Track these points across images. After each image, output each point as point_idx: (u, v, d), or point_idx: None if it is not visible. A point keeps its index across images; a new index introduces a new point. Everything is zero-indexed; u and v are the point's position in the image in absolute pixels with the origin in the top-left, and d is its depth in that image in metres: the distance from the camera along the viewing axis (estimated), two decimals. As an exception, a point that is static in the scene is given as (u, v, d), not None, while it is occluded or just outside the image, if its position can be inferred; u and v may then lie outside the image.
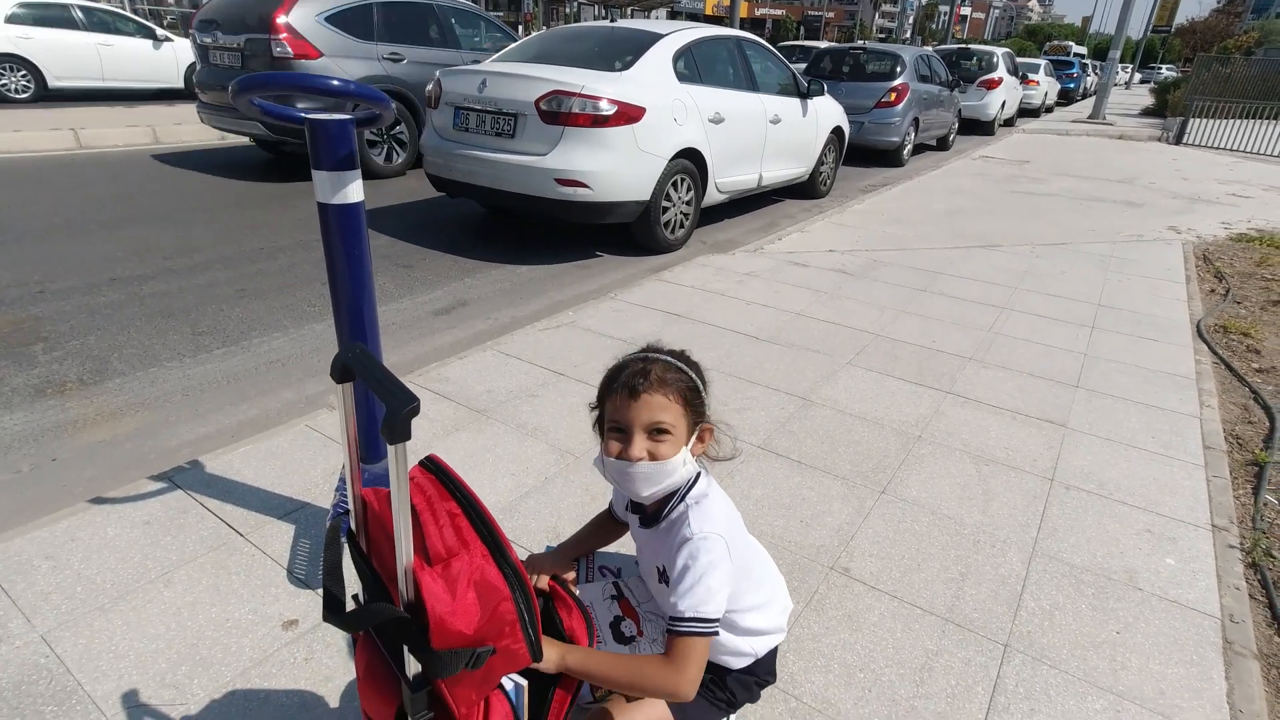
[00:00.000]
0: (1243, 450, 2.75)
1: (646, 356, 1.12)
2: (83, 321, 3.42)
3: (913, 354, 3.39)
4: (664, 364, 1.10)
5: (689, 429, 1.10)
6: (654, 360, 1.10)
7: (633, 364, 1.11)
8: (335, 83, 1.29)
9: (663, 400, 1.06)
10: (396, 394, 0.71)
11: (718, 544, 1.06)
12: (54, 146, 7.26)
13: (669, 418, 1.07)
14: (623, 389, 1.08)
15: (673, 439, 1.07)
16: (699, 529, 1.07)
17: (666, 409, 1.06)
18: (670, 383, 1.07)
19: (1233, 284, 4.84)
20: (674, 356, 1.13)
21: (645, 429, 1.07)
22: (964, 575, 1.94)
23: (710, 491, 1.14)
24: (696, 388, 1.11)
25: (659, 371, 1.08)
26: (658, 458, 1.07)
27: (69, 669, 1.52)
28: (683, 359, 1.13)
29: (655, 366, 1.08)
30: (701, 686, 1.21)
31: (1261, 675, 1.70)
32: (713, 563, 1.05)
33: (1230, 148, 12.53)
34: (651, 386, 1.06)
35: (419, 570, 0.81)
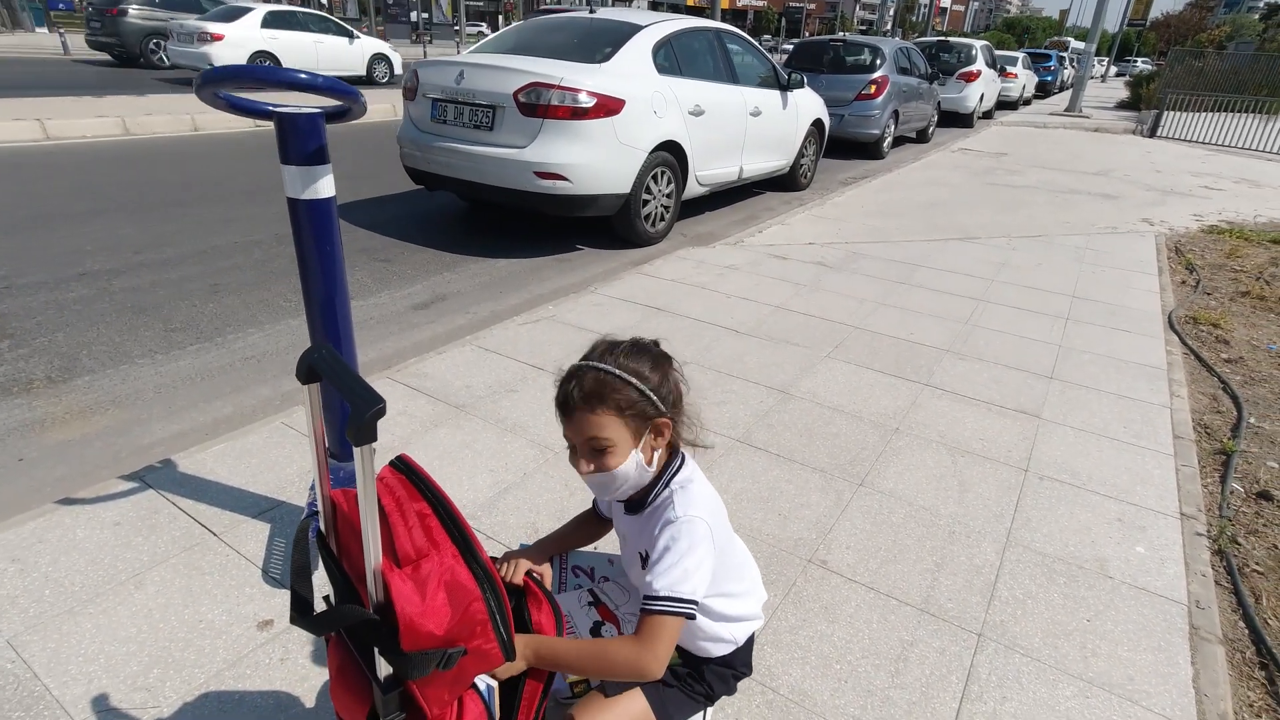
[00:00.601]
0: (1211, 439, 2.80)
1: (581, 369, 1.06)
2: (50, 317, 3.35)
3: (891, 346, 3.41)
4: (596, 376, 1.04)
5: (633, 435, 1.06)
6: (587, 372, 1.05)
7: (565, 381, 1.07)
8: (303, 76, 1.26)
9: (594, 418, 1.03)
10: (362, 395, 0.69)
11: (700, 526, 1.06)
12: (19, 137, 7.08)
13: (604, 433, 1.04)
14: (558, 408, 1.07)
15: (615, 449, 1.05)
16: (683, 511, 1.07)
17: (600, 425, 1.03)
18: (602, 397, 1.03)
19: (1203, 275, 4.93)
20: (619, 356, 1.07)
21: (585, 445, 1.06)
22: (939, 566, 1.97)
23: (694, 477, 1.14)
24: (634, 390, 1.05)
25: (590, 385, 1.04)
26: (604, 469, 1.06)
27: (36, 674, 1.49)
28: (625, 359, 1.07)
29: (587, 380, 1.04)
30: (679, 680, 1.22)
31: (1226, 660, 1.74)
32: (693, 544, 1.05)
33: (1203, 140, 12.73)
34: (580, 405, 1.04)
35: (388, 572, 0.80)
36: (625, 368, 1.05)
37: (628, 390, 1.04)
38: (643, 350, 1.10)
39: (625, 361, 1.06)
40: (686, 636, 1.22)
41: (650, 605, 1.02)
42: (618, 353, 1.08)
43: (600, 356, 1.07)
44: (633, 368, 1.06)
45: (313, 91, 1.29)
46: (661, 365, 1.10)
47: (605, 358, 1.07)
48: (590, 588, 1.33)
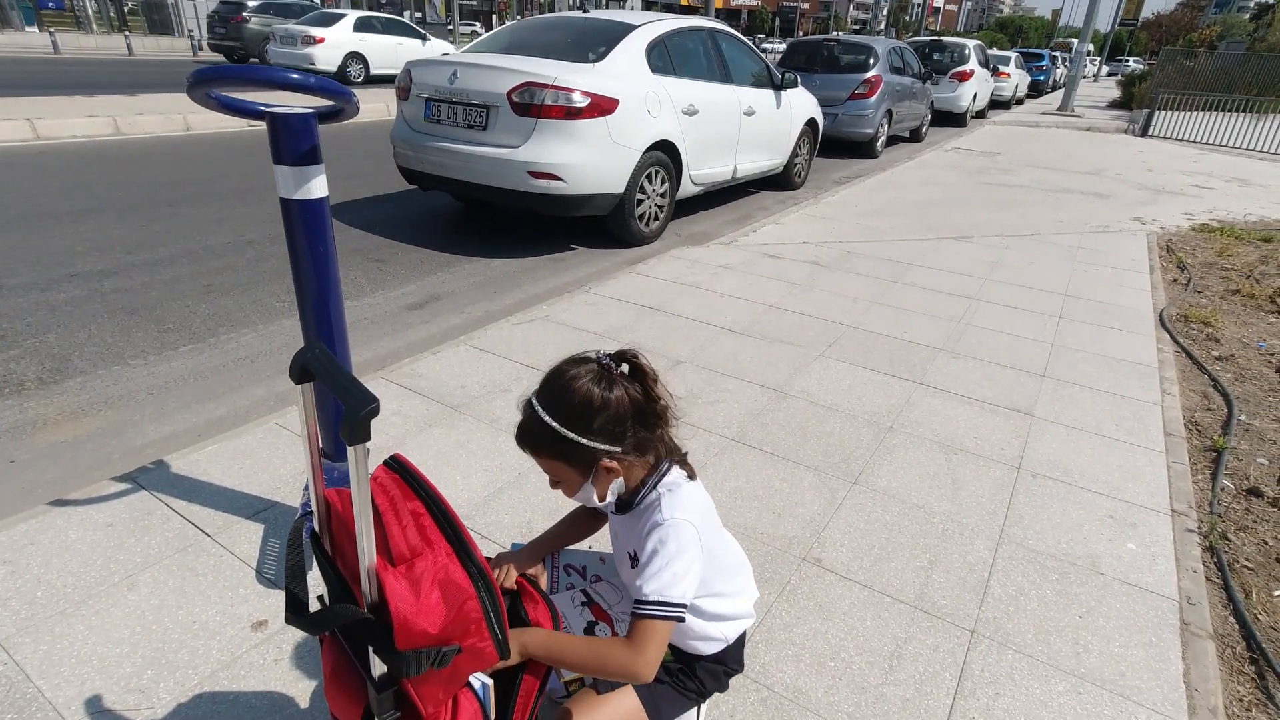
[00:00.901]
0: (1202, 436, 2.82)
1: (527, 406, 1.07)
2: (41, 319, 3.33)
3: (885, 345, 3.42)
4: (527, 416, 1.07)
5: (579, 473, 1.08)
6: (528, 412, 1.07)
7: (523, 408, 1.09)
8: (295, 76, 1.26)
9: (537, 458, 1.09)
10: (355, 394, 0.70)
11: (688, 530, 1.06)
12: (9, 137, 7.03)
13: (550, 472, 1.10)
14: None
15: (567, 483, 1.10)
16: (669, 514, 1.07)
17: (545, 465, 1.09)
18: (538, 443, 1.06)
19: (1194, 274, 4.96)
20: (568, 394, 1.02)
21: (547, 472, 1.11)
22: (933, 563, 1.98)
23: (682, 485, 1.13)
24: (561, 437, 1.02)
25: (530, 427, 1.06)
26: (566, 494, 1.12)
27: (28, 676, 1.49)
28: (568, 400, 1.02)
29: (526, 421, 1.07)
30: (671, 676, 1.22)
31: (1216, 655, 1.75)
32: (681, 548, 1.04)
33: (1194, 140, 12.81)
34: (522, 441, 1.09)
35: (382, 571, 0.80)
36: (565, 412, 1.02)
37: (560, 444, 1.04)
38: (601, 377, 1.03)
39: (574, 399, 1.02)
40: (677, 635, 1.22)
41: (640, 610, 1.03)
42: (570, 386, 1.03)
43: (545, 395, 1.05)
44: (578, 408, 1.02)
45: (305, 91, 1.29)
46: (615, 401, 1.03)
47: (549, 398, 1.04)
48: (583, 587, 1.34)
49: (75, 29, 25.54)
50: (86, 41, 22.64)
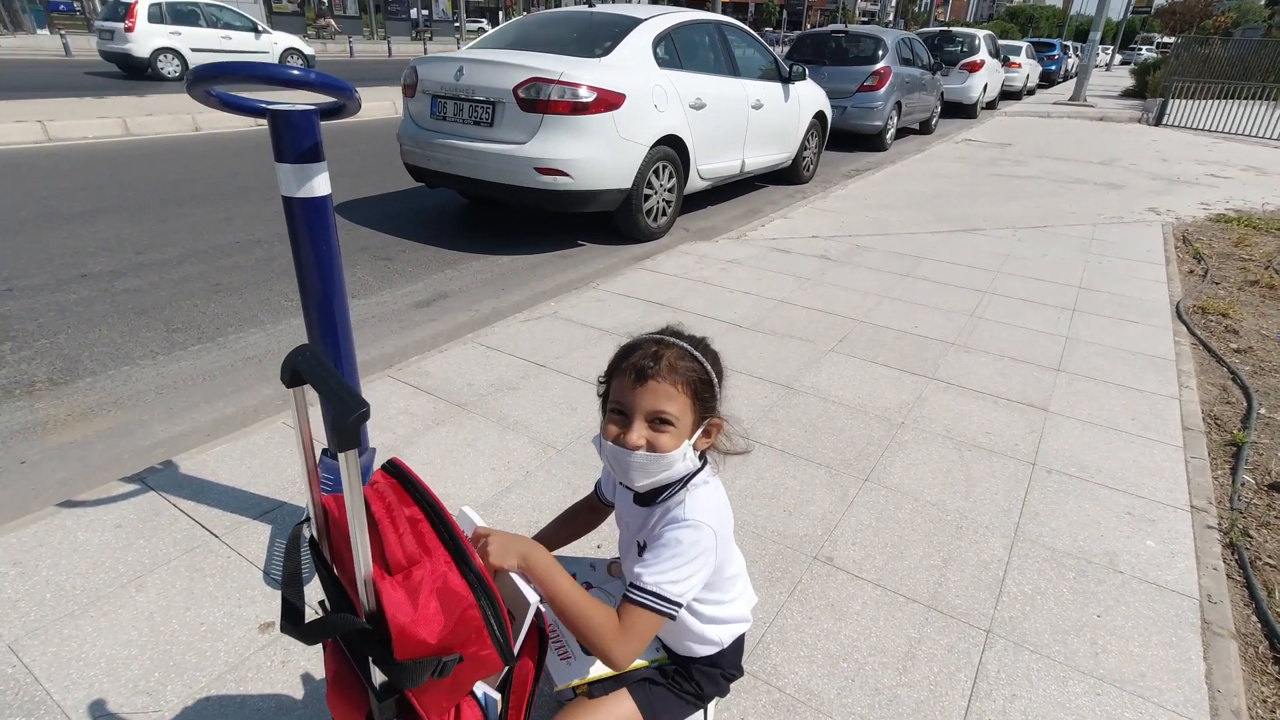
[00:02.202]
0: (1221, 431, 2.77)
1: (662, 339, 1.06)
2: (52, 319, 3.34)
3: (896, 340, 3.38)
4: (678, 350, 1.04)
5: (695, 422, 1.05)
6: (669, 345, 1.05)
7: (646, 346, 1.05)
8: (295, 72, 1.24)
9: (669, 389, 1.01)
10: (345, 399, 0.68)
11: (707, 535, 1.04)
12: (21, 139, 7.09)
13: (673, 408, 1.01)
14: (630, 371, 1.02)
15: (675, 431, 1.02)
16: (692, 514, 1.05)
17: (672, 399, 1.01)
18: (681, 371, 1.02)
19: (1211, 265, 4.88)
20: (692, 343, 1.07)
21: (647, 416, 1.02)
22: (946, 562, 1.94)
23: (711, 482, 1.12)
24: (709, 380, 1.05)
25: (671, 358, 1.02)
26: (656, 448, 1.02)
27: (37, 678, 1.48)
28: (700, 347, 1.07)
29: (669, 352, 1.03)
30: (667, 678, 1.20)
31: (1239, 655, 1.71)
32: (696, 552, 1.02)
33: (1209, 128, 12.61)
34: (660, 373, 1.01)
35: (379, 580, 0.78)
36: (709, 355, 1.08)
37: (706, 376, 1.05)
38: (709, 349, 1.10)
39: (707, 346, 1.09)
40: (673, 635, 1.21)
41: (634, 595, 1.00)
42: (692, 340, 1.08)
43: (676, 336, 1.08)
44: (714, 364, 1.08)
45: (306, 88, 1.27)
46: (722, 368, 1.11)
47: (681, 338, 1.08)
48: None
49: (86, 31, 25.71)
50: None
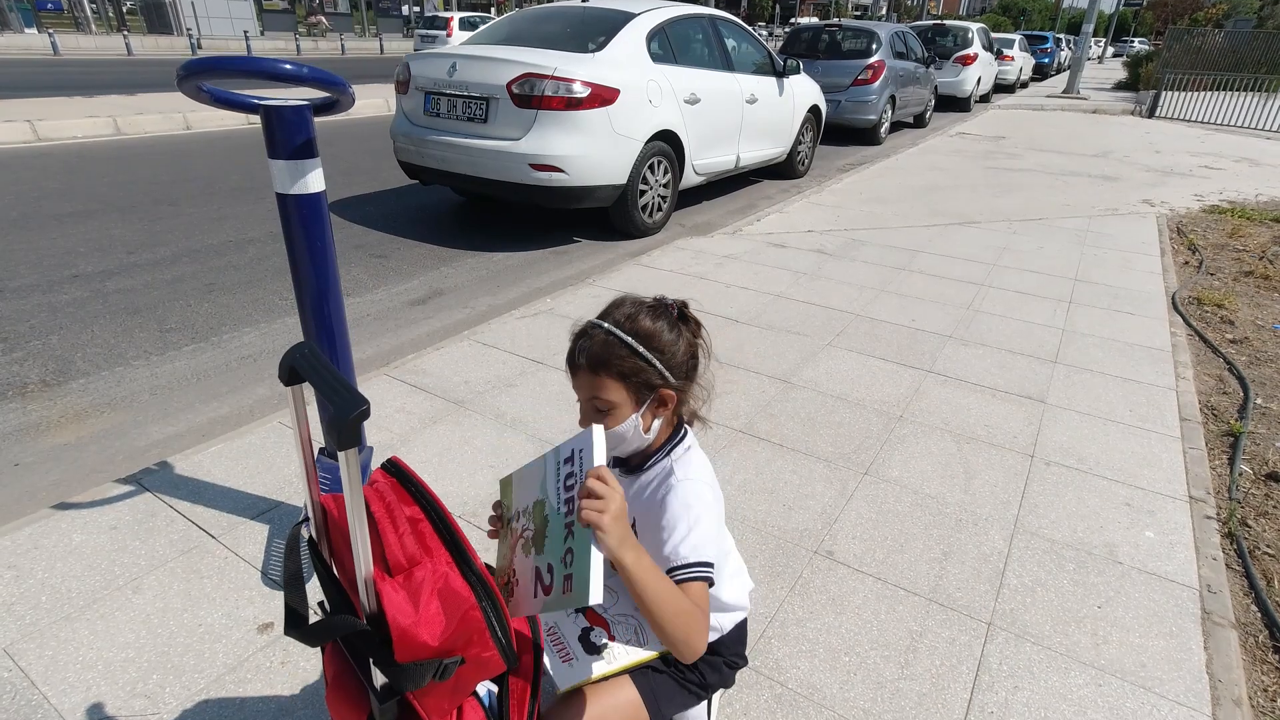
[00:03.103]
0: (1218, 421, 2.78)
1: (593, 328, 1.05)
2: (44, 320, 3.31)
3: (893, 333, 3.38)
4: (603, 337, 1.03)
5: (634, 400, 1.05)
6: (596, 332, 1.04)
7: (579, 335, 1.06)
8: (287, 66, 1.23)
9: (594, 380, 1.03)
10: (344, 396, 0.66)
11: (705, 490, 1.07)
12: (9, 139, 7.02)
13: (604, 395, 1.04)
14: (567, 363, 1.07)
15: (617, 411, 1.05)
16: (684, 474, 1.08)
17: (601, 387, 1.03)
18: (605, 362, 1.02)
19: (1206, 256, 4.89)
20: (636, 319, 1.04)
21: (586, 403, 1.07)
22: (947, 555, 1.94)
23: (693, 447, 1.15)
24: (639, 358, 1.02)
25: (596, 347, 1.03)
26: (608, 428, 1.04)
27: (33, 682, 1.47)
28: (642, 321, 1.04)
29: (596, 341, 1.03)
30: (669, 666, 1.19)
31: (1239, 644, 1.72)
32: (702, 506, 1.05)
33: (1202, 120, 12.65)
34: (582, 366, 1.03)
35: (379, 581, 0.77)
36: (640, 331, 1.03)
37: (633, 359, 1.02)
38: (662, 313, 1.07)
39: (642, 324, 1.04)
40: None
41: (683, 573, 0.99)
42: (637, 314, 1.05)
43: (616, 317, 1.05)
44: (647, 332, 1.04)
45: (298, 83, 1.25)
46: (680, 332, 1.08)
47: (621, 319, 1.04)
48: None
49: (74, 30, 25.51)
50: (86, 42, 22.60)
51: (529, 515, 1.00)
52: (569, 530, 0.89)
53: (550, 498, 0.95)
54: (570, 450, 0.93)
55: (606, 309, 1.08)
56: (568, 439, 0.95)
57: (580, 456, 0.91)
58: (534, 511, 0.98)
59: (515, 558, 1.01)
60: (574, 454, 0.92)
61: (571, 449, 0.93)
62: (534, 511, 0.98)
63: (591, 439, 0.90)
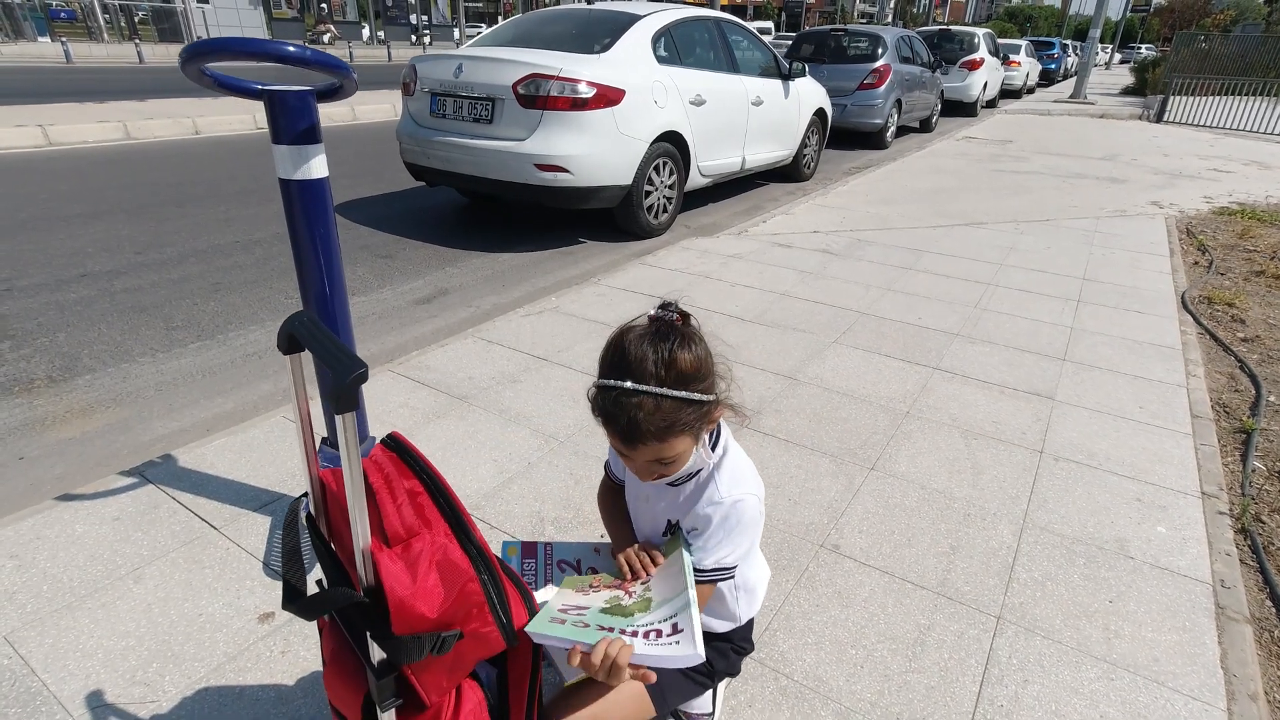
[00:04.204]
0: (1230, 418, 2.74)
1: (638, 395, 0.92)
2: (51, 318, 3.33)
3: (899, 331, 3.36)
4: (653, 404, 0.92)
5: (695, 437, 1.00)
6: (636, 405, 0.92)
7: (617, 412, 0.93)
8: (290, 48, 1.22)
9: (658, 446, 0.95)
10: (342, 360, 0.65)
11: (753, 504, 1.07)
12: (22, 143, 7.09)
13: (670, 453, 0.97)
14: (619, 434, 0.95)
15: (680, 455, 1.00)
16: (728, 492, 1.06)
17: (664, 448, 0.96)
18: (670, 424, 0.93)
19: (1216, 256, 4.85)
20: (671, 365, 0.93)
21: (647, 466, 1.01)
22: (955, 549, 1.92)
23: (730, 447, 1.11)
24: (691, 402, 0.95)
25: (647, 417, 0.92)
26: (667, 476, 1.05)
27: (33, 669, 1.46)
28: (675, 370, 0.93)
29: (641, 413, 0.91)
30: None
31: (1254, 639, 1.69)
32: (746, 524, 1.06)
33: (1210, 124, 12.58)
34: (643, 438, 0.93)
35: (377, 552, 0.76)
36: (684, 376, 0.94)
37: (691, 411, 0.95)
38: (675, 335, 0.96)
39: (681, 363, 0.94)
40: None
41: (700, 577, 1.03)
42: (667, 357, 0.93)
43: (651, 371, 0.93)
44: (689, 370, 0.95)
45: (301, 65, 1.25)
46: (702, 346, 0.99)
47: (657, 372, 0.93)
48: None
49: (87, 38, 25.79)
50: (98, 50, 22.82)
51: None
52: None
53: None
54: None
55: (630, 364, 0.94)
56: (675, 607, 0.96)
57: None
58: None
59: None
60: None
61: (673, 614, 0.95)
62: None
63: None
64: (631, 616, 0.96)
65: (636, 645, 0.88)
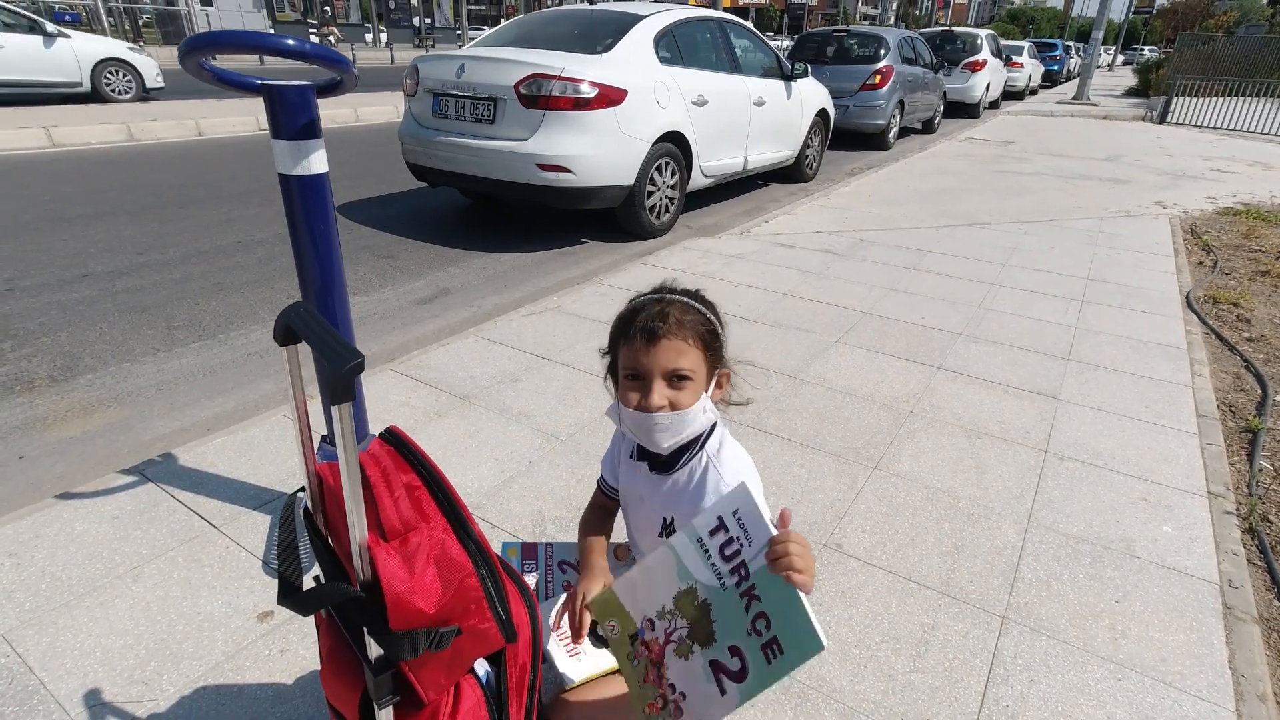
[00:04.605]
0: (1236, 418, 2.72)
1: (663, 297, 1.04)
2: (53, 318, 3.33)
3: (902, 331, 3.34)
4: (681, 305, 1.03)
5: (708, 374, 1.05)
6: (671, 301, 1.03)
7: (649, 306, 1.03)
8: (290, 42, 1.22)
9: (681, 345, 1.00)
10: (339, 350, 0.64)
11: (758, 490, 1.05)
12: (25, 145, 7.10)
13: (688, 363, 1.01)
14: (640, 334, 1.01)
15: (693, 385, 1.02)
16: (734, 479, 1.04)
17: (686, 354, 1.00)
18: (689, 325, 1.01)
19: (1220, 256, 4.83)
20: (690, 296, 1.06)
21: (664, 376, 1.01)
22: (959, 548, 1.90)
23: (726, 441, 1.11)
24: (715, 329, 1.05)
25: (677, 313, 1.01)
26: (678, 406, 1.01)
27: (30, 668, 1.45)
28: (699, 299, 1.07)
29: (673, 308, 1.01)
30: None
31: (1262, 639, 1.67)
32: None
33: (1214, 125, 12.55)
34: (670, 330, 0.99)
35: (374, 546, 0.75)
36: (707, 303, 1.08)
37: (710, 324, 1.04)
38: (705, 299, 1.10)
39: (701, 296, 1.08)
40: None
41: None
42: (693, 294, 1.08)
43: (677, 292, 1.07)
44: (708, 302, 1.09)
45: (301, 58, 1.24)
46: (720, 318, 1.10)
47: (691, 298, 1.07)
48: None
49: (91, 42, 25.85)
50: (102, 53, 22.89)
51: (673, 615, 0.93)
52: (750, 598, 0.85)
53: (704, 578, 0.89)
54: (716, 519, 0.88)
55: (658, 288, 1.08)
56: (700, 515, 0.90)
57: (738, 520, 0.87)
58: (680, 608, 0.92)
59: (668, 670, 0.93)
60: (722, 521, 0.88)
61: (717, 518, 0.88)
62: (680, 608, 0.92)
63: (744, 500, 0.87)
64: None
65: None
